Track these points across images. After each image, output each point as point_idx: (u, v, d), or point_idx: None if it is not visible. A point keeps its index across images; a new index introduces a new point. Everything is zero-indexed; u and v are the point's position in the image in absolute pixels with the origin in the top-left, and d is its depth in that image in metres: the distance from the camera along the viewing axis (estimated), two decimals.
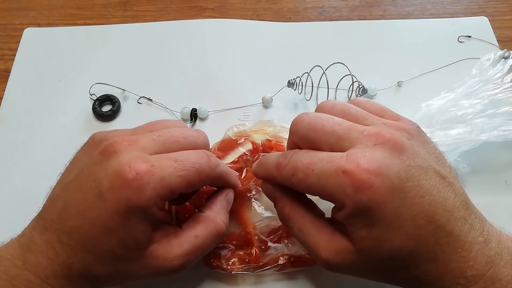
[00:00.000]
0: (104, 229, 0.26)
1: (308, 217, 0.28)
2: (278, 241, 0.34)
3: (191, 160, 0.27)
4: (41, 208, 0.28)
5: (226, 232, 0.30)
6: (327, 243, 0.27)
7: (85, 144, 0.29)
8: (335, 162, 0.25)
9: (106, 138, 0.28)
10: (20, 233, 0.28)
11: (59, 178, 0.29)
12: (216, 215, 0.30)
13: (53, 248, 0.26)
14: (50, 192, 0.29)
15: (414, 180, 0.24)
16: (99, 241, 0.26)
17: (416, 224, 0.24)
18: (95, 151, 0.27)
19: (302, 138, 0.28)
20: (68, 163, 0.30)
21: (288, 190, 0.29)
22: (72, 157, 0.30)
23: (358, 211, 0.24)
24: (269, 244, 0.34)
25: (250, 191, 0.35)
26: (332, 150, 0.26)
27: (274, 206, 0.31)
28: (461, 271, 0.24)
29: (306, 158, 0.26)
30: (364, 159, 0.24)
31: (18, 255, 0.26)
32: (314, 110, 0.30)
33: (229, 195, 0.32)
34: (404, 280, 0.27)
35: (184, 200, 0.32)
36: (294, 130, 0.29)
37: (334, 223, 0.28)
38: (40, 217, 0.28)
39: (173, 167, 0.26)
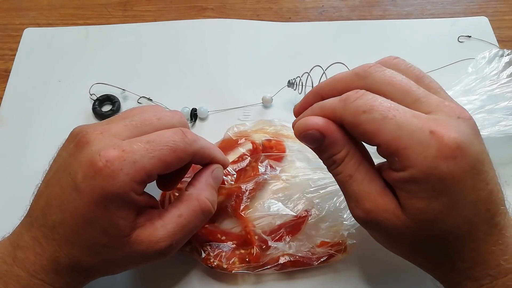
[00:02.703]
0: (84, 220, 0.26)
1: (364, 164, 0.26)
2: (279, 240, 0.34)
3: (164, 139, 0.27)
4: (28, 206, 0.29)
5: (212, 209, 0.30)
6: (376, 195, 0.25)
7: (65, 140, 0.29)
8: (422, 119, 0.23)
9: (81, 130, 0.28)
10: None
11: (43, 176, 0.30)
12: (199, 192, 0.29)
13: (39, 244, 0.26)
14: (36, 190, 0.29)
15: (485, 165, 0.24)
16: (81, 232, 0.26)
17: (476, 209, 0.24)
18: (71, 145, 0.28)
19: (371, 88, 0.25)
20: (51, 160, 0.30)
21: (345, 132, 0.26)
22: (55, 153, 0.30)
23: (427, 178, 0.23)
24: (270, 243, 0.34)
25: (250, 189, 0.35)
26: None
27: (320, 151, 0.27)
28: (496, 263, 0.24)
29: (387, 102, 0.24)
30: (454, 128, 0.23)
31: (8, 253, 0.27)
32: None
33: (216, 171, 0.31)
34: (435, 263, 0.26)
35: (172, 184, 0.32)
36: (364, 75, 0.26)
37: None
38: (27, 215, 0.28)
39: (145, 149, 0.26)
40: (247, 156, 0.37)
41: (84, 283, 0.29)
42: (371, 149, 0.26)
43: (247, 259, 0.33)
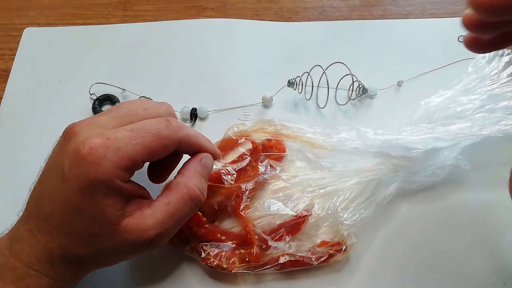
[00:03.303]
0: (73, 209, 0.26)
1: None
2: (279, 239, 0.34)
3: (149, 126, 0.27)
4: (25, 202, 0.29)
5: (201, 197, 0.30)
6: None
7: (59, 137, 0.30)
8: None
9: (71, 125, 0.29)
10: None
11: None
12: (187, 180, 0.30)
13: (34, 235, 0.27)
14: (32, 186, 0.29)
15: None
16: (71, 221, 0.26)
17: None
18: (61, 139, 0.28)
19: None
20: (46, 157, 0.30)
21: None
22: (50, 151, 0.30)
23: None
24: (270, 243, 0.34)
25: (250, 188, 0.35)
26: None
27: None
28: None
29: None
30: None
31: (6, 246, 0.27)
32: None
33: (204, 159, 0.31)
34: None
35: (163, 176, 0.32)
36: None
37: None
38: (24, 210, 0.29)
39: (129, 136, 0.26)
40: (247, 156, 0.37)
41: (80, 276, 0.29)
42: None
43: (247, 259, 0.33)
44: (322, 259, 0.34)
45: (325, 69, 0.41)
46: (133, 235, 0.27)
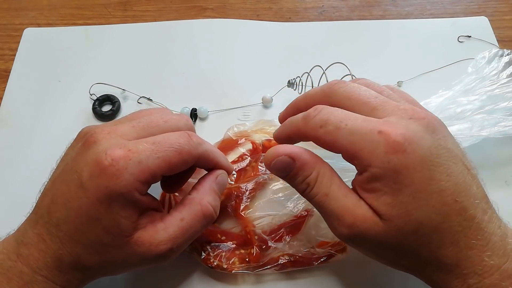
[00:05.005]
0: (88, 218, 0.26)
1: (335, 180, 0.27)
2: (279, 240, 0.34)
3: (170, 140, 0.27)
4: (34, 204, 0.29)
5: (214, 214, 0.30)
6: (354, 208, 0.26)
7: (73, 139, 0.30)
8: (371, 122, 0.25)
9: (89, 130, 0.28)
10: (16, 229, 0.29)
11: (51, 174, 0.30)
12: (202, 196, 0.30)
13: (43, 240, 0.27)
14: (42, 188, 0.29)
15: (443, 159, 0.25)
16: (84, 230, 0.26)
17: (442, 200, 0.24)
18: (79, 144, 0.28)
19: (335, 103, 0.28)
20: (58, 159, 0.30)
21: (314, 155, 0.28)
22: (63, 153, 0.30)
23: (385, 173, 0.24)
24: (270, 243, 0.34)
25: (250, 189, 0.35)
26: None
27: (292, 177, 0.28)
28: (480, 259, 0.24)
29: (340, 114, 0.26)
30: (400, 126, 0.25)
31: (12, 249, 0.27)
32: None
33: (220, 177, 0.31)
34: (422, 262, 0.26)
35: (176, 186, 0.32)
36: (329, 92, 0.29)
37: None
38: (33, 212, 0.29)
39: (151, 149, 0.26)
40: (247, 156, 0.37)
41: (85, 282, 0.29)
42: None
43: (247, 259, 0.33)
44: (322, 259, 0.34)
45: (325, 70, 0.41)
46: (144, 248, 0.27)
